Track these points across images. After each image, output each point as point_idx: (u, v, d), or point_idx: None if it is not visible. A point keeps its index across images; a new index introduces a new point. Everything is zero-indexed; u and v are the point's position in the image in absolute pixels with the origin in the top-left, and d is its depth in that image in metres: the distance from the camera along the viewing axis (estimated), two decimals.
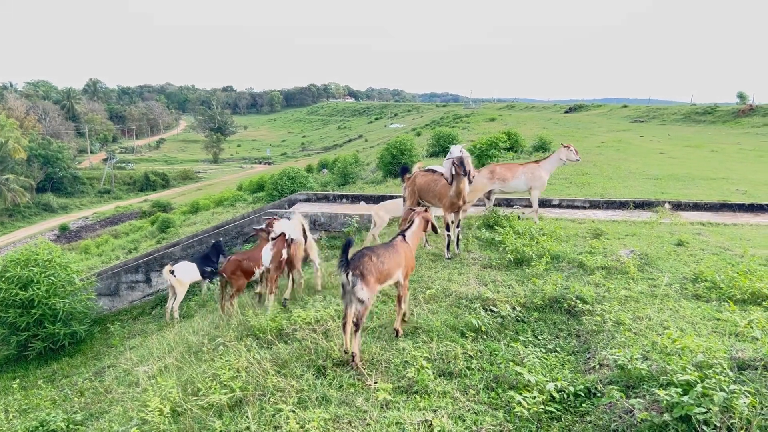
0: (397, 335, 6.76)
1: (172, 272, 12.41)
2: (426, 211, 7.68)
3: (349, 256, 6.13)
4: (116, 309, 15.41)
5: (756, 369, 5.06)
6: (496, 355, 6.17)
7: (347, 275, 6.05)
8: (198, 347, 8.03)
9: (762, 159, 26.51)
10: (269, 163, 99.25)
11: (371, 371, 5.90)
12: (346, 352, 6.15)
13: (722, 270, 8.26)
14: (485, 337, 6.70)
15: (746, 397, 4.35)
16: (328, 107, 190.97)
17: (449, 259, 9.71)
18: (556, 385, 5.27)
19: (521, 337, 6.69)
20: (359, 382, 5.69)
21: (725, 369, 4.82)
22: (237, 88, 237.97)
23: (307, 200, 17.97)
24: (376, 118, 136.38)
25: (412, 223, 7.31)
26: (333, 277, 9.70)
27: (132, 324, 13.95)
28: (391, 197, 17.28)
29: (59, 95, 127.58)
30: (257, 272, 10.46)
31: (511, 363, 5.84)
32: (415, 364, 5.74)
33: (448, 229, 9.68)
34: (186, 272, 12.70)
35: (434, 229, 7.73)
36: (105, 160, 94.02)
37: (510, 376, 5.57)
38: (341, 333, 6.30)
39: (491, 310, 7.22)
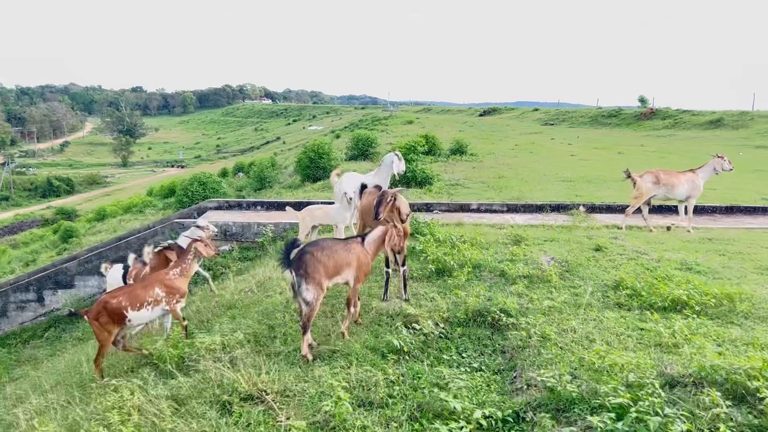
0: (342, 337, 6.70)
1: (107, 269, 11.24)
2: (395, 227, 7.16)
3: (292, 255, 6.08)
4: (3, 332, 13.91)
5: (686, 386, 4.89)
6: (419, 378, 5.73)
7: (292, 275, 6.03)
8: (90, 379, 7.17)
9: (664, 160, 27.76)
10: (182, 167, 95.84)
11: (283, 405, 5.32)
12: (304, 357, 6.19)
13: (641, 276, 8.22)
14: (408, 357, 6.26)
15: (682, 422, 4.13)
16: (244, 109, 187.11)
17: (384, 300, 7.94)
18: (483, 412, 4.90)
19: (445, 356, 6.31)
20: (269, 418, 5.11)
21: (657, 389, 4.60)
22: (147, 88, 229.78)
23: (218, 208, 16.98)
24: (295, 120, 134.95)
25: (375, 228, 7.09)
26: (243, 294, 9.01)
27: (21, 349, 12.60)
28: (309, 203, 16.68)
29: None
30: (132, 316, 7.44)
31: (436, 388, 5.44)
32: (332, 394, 5.22)
33: (387, 265, 8.07)
34: (113, 277, 11.35)
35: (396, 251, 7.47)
36: (2, 164, 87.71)
37: (434, 403, 5.15)
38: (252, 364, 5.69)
39: (413, 328, 6.79)
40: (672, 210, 14.61)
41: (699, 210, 14.93)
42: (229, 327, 7.28)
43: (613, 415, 4.39)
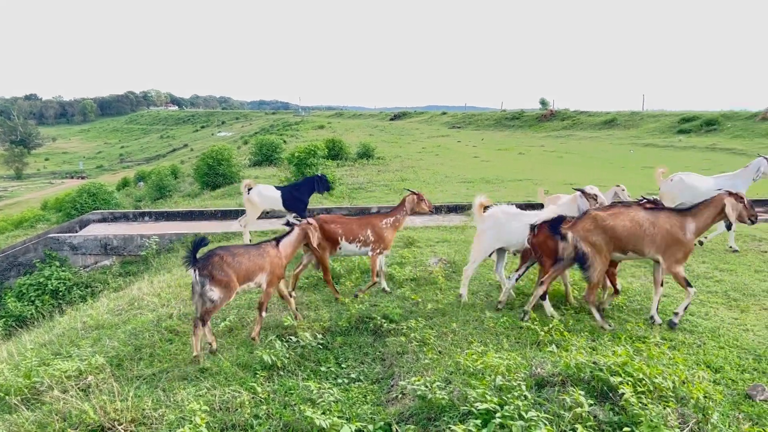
0: (253, 341, 6.59)
1: (249, 189, 11.09)
2: (309, 223, 7.20)
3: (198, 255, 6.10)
4: None
5: (554, 386, 4.82)
6: (291, 394, 5.40)
7: (196, 275, 6.03)
8: None
9: (561, 160, 28.82)
10: (83, 177, 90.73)
11: None
12: (196, 358, 6.12)
13: (525, 274, 8.24)
14: (282, 373, 5.90)
15: (544, 424, 4.02)
16: (148, 116, 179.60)
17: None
18: (351, 427, 4.62)
19: (323, 368, 6.02)
20: None
21: (524, 391, 4.49)
22: (42, 96, 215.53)
23: (103, 220, 15.92)
24: (203, 126, 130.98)
25: (292, 230, 7.05)
26: (114, 315, 8.33)
27: None
28: (202, 212, 15.98)
29: None
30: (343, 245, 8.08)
31: (307, 404, 5.12)
32: (192, 419, 4.78)
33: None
34: (261, 195, 11.15)
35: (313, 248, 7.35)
36: None
37: (302, 421, 4.82)
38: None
39: (290, 340, 6.44)
40: None
41: None
42: (90, 350, 6.65)
43: (479, 421, 4.22)
